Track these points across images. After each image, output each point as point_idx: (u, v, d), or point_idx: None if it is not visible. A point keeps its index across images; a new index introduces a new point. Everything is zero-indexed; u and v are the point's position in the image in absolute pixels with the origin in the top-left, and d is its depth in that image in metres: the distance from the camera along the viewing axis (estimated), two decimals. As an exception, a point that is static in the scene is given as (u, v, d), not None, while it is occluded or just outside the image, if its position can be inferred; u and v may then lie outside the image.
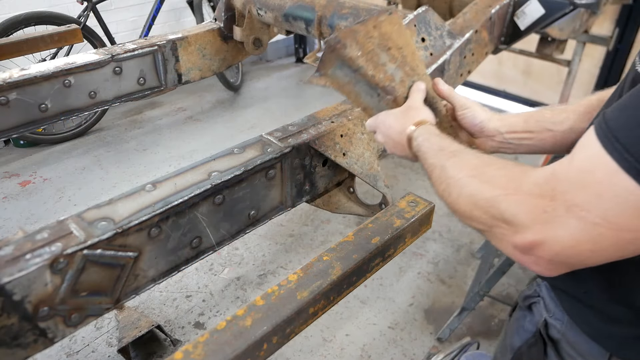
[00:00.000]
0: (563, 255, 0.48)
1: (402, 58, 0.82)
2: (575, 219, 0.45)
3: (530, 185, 0.51)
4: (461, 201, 0.59)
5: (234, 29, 1.72)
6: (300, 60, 4.60)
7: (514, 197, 0.51)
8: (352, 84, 0.83)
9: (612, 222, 0.43)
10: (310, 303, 0.64)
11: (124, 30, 3.61)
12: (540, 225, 0.47)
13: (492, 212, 0.53)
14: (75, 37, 1.66)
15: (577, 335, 0.73)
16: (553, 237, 0.47)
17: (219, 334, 0.56)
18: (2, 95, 1.24)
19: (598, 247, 0.45)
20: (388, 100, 0.83)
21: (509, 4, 1.60)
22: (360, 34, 0.79)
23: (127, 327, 1.75)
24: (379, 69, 0.80)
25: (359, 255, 0.72)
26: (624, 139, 0.42)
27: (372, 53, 0.80)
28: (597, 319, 0.69)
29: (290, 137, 0.99)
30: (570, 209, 0.45)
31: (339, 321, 1.96)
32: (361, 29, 0.79)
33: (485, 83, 3.70)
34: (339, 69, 0.82)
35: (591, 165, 0.45)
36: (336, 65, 0.81)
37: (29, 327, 0.66)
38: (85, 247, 0.68)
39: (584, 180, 0.45)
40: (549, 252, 0.48)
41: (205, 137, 3.28)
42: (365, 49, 0.79)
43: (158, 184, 0.81)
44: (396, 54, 0.82)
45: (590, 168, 0.45)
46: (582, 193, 0.45)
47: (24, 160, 2.98)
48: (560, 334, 0.77)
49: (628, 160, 0.41)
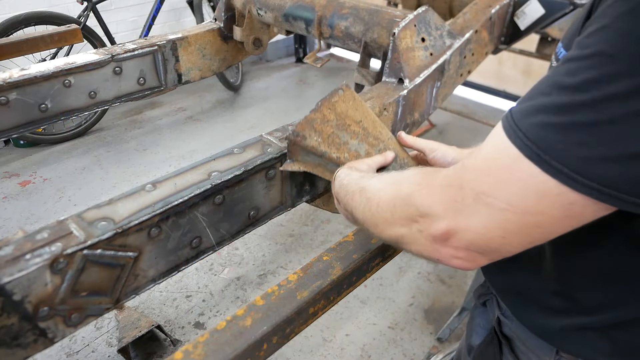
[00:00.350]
0: (477, 244, 0.49)
1: (363, 131, 0.85)
2: (483, 205, 0.47)
3: (442, 178, 0.52)
4: (381, 209, 0.60)
5: (234, 29, 1.72)
6: (300, 60, 4.60)
7: (426, 190, 0.53)
8: (324, 165, 0.86)
9: (516, 207, 0.45)
10: (310, 303, 0.64)
11: (124, 30, 3.61)
12: (452, 214, 0.49)
13: (409, 210, 0.55)
14: (75, 37, 1.66)
15: (526, 332, 0.74)
16: (465, 225, 0.48)
17: (219, 334, 0.57)
18: (2, 95, 1.24)
19: (507, 232, 0.47)
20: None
21: (509, 4, 1.60)
22: (317, 122, 0.83)
23: (127, 327, 1.75)
24: (342, 149, 0.83)
25: (359, 255, 0.72)
26: (524, 128, 0.44)
27: (332, 136, 0.83)
28: (537, 314, 0.70)
29: (290, 137, 0.99)
30: (477, 196, 0.47)
31: (339, 321, 1.96)
32: (317, 117, 0.83)
33: (485, 83, 3.70)
34: (307, 155, 0.86)
35: (495, 153, 0.47)
36: (302, 153, 0.86)
37: (29, 327, 0.66)
38: (85, 247, 0.68)
39: (489, 168, 0.47)
40: (463, 241, 0.49)
41: (205, 137, 3.28)
42: (324, 134, 0.82)
43: (158, 184, 0.81)
44: (356, 128, 0.85)
45: (494, 156, 0.47)
46: (488, 180, 0.47)
47: (24, 160, 2.98)
48: (512, 332, 0.78)
49: (529, 147, 0.43)
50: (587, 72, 0.42)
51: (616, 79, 0.40)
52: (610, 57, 0.40)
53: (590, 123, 0.41)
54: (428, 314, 2.00)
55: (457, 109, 3.43)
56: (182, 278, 2.15)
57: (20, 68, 1.29)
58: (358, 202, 0.66)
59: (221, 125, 3.46)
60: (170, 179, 0.83)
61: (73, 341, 1.84)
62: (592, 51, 0.42)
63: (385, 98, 1.19)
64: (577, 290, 0.64)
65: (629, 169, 0.41)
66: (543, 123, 0.43)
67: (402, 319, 1.97)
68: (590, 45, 0.43)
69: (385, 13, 1.36)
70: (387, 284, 2.14)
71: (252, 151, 0.93)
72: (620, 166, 0.41)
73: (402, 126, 1.28)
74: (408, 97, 1.24)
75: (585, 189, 0.42)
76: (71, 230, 0.69)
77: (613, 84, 0.40)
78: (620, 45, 0.40)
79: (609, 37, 0.41)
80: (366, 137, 0.86)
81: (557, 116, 0.43)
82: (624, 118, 0.40)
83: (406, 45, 1.25)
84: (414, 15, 1.27)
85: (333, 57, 4.69)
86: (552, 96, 0.44)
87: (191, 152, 3.10)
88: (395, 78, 1.26)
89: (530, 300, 0.71)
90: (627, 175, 0.41)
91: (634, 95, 0.39)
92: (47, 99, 1.34)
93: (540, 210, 0.44)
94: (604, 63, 0.41)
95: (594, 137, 0.41)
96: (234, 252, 2.31)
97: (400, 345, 1.87)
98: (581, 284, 0.63)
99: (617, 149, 0.40)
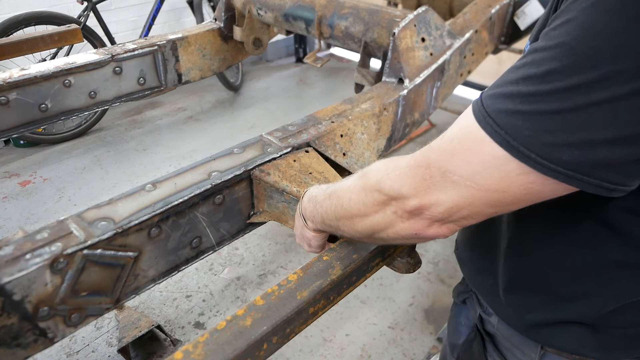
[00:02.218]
0: (448, 215, 0.52)
1: (324, 179, 0.91)
2: (449, 183, 0.50)
3: (408, 160, 0.55)
4: (353, 202, 0.62)
5: (234, 29, 1.72)
6: (300, 60, 4.60)
7: (394, 174, 0.55)
8: (287, 209, 0.91)
9: (480, 185, 0.48)
10: (310, 303, 0.64)
11: (124, 30, 3.61)
12: (423, 191, 0.52)
13: (380, 196, 0.57)
14: (75, 37, 1.66)
15: (509, 329, 0.75)
16: (435, 200, 0.51)
17: (219, 334, 0.56)
18: (2, 95, 1.24)
19: (473, 205, 0.50)
20: None
21: (509, 4, 1.60)
22: (282, 165, 0.91)
23: (127, 327, 1.75)
24: (302, 186, 0.88)
25: (359, 255, 0.72)
26: (494, 114, 0.46)
27: (294, 177, 0.90)
28: (517, 311, 0.71)
29: (290, 137, 0.99)
30: (444, 174, 0.50)
31: (339, 321, 1.96)
32: (282, 162, 0.92)
33: (485, 83, 3.70)
34: (270, 197, 0.91)
35: (461, 134, 0.50)
36: (266, 194, 0.91)
37: (29, 327, 0.66)
38: (85, 247, 0.68)
39: (454, 149, 0.50)
40: (436, 213, 0.52)
41: (205, 137, 3.28)
42: (286, 174, 0.90)
43: (158, 184, 0.81)
44: (318, 175, 0.92)
45: (459, 138, 0.50)
46: (453, 160, 0.49)
47: (24, 160, 2.98)
48: (494, 329, 0.79)
49: (498, 133, 0.46)
50: (551, 63, 0.44)
51: (577, 71, 0.42)
52: (572, 50, 0.42)
53: (554, 111, 0.43)
54: (428, 314, 2.00)
55: (457, 109, 3.44)
56: (182, 278, 2.15)
57: (20, 68, 1.29)
58: (329, 205, 0.67)
59: (221, 125, 3.46)
60: (170, 179, 0.83)
61: (73, 341, 1.83)
62: (555, 42, 0.44)
63: (385, 98, 1.19)
64: (556, 285, 0.65)
65: (591, 154, 0.43)
66: (511, 110, 0.46)
67: (402, 319, 1.97)
68: (555, 37, 0.44)
69: (385, 13, 1.36)
70: (387, 284, 2.14)
71: (252, 151, 0.93)
72: (583, 152, 0.43)
73: (402, 126, 1.28)
74: (408, 97, 1.24)
75: (552, 172, 0.44)
76: (71, 230, 0.69)
77: (575, 75, 0.42)
78: (582, 38, 0.42)
79: (571, 30, 0.43)
80: (326, 183, 0.90)
81: (524, 105, 0.45)
82: (585, 107, 0.42)
83: (406, 45, 1.25)
84: (414, 15, 1.27)
85: (333, 57, 4.68)
86: (519, 85, 0.46)
87: (191, 152, 3.09)
88: (395, 78, 1.26)
89: (508, 297, 0.72)
90: (589, 160, 0.43)
91: (593, 86, 0.41)
92: (47, 99, 1.34)
93: (503, 188, 0.48)
94: (566, 55, 0.43)
95: (557, 124, 0.43)
96: (234, 252, 2.31)
97: (400, 345, 1.87)
98: (560, 278, 0.64)
99: (579, 136, 0.43)
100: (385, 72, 1.28)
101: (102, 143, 3.19)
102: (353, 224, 0.63)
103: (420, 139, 3.32)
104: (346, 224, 0.65)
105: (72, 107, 1.41)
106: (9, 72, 1.27)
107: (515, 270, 0.70)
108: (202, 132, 3.34)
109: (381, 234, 0.60)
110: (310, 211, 0.72)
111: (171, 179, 0.83)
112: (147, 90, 1.56)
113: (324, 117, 1.09)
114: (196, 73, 1.68)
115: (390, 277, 2.17)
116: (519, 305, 0.70)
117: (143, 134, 3.31)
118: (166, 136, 3.29)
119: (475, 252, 0.81)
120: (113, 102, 1.50)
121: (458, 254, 0.89)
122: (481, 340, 0.81)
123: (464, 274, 0.85)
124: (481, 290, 0.79)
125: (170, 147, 3.16)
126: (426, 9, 1.30)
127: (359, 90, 1.46)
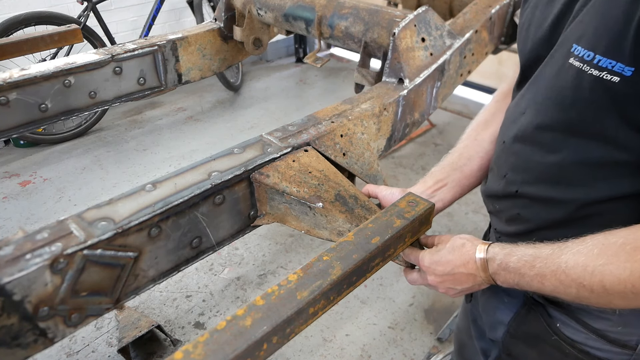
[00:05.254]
0: None
1: (324, 177, 0.91)
2: None
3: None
4: (614, 289, 0.58)
5: (234, 29, 1.72)
6: (300, 60, 4.60)
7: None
8: (289, 209, 0.91)
9: None
10: (310, 303, 0.64)
11: (124, 30, 3.61)
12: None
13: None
14: (75, 37, 1.66)
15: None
16: None
17: (219, 334, 0.56)
18: (2, 95, 1.24)
19: None
20: (319, 208, 0.86)
21: (509, 4, 1.59)
22: (281, 166, 0.91)
23: (127, 327, 1.75)
24: (302, 186, 0.88)
25: (359, 255, 0.72)
26: None
27: (294, 177, 0.89)
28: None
29: (290, 137, 0.99)
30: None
31: (339, 321, 1.96)
32: (281, 163, 0.91)
33: (485, 83, 3.70)
34: (271, 200, 0.91)
35: None
36: (268, 197, 0.91)
37: (29, 327, 0.66)
38: (85, 247, 0.68)
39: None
40: None
41: (205, 137, 3.28)
42: (286, 175, 0.89)
43: (158, 184, 0.81)
44: (318, 174, 0.91)
45: None
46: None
47: (24, 160, 2.98)
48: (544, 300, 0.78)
49: None
50: None
51: None
52: None
53: None
54: (428, 314, 2.00)
55: (457, 109, 3.43)
56: (182, 278, 2.15)
57: (20, 68, 1.29)
58: (557, 285, 0.63)
59: (221, 125, 3.46)
60: (170, 179, 0.82)
61: (73, 341, 1.84)
62: None
63: (385, 98, 1.19)
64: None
65: None
66: None
67: (402, 319, 1.97)
68: None
69: (385, 13, 1.36)
70: (387, 284, 2.14)
71: (252, 151, 0.93)
72: None
73: (402, 126, 1.28)
74: (408, 97, 1.24)
75: None
76: (71, 230, 0.69)
77: None
78: None
79: None
80: (327, 181, 0.90)
81: None
82: None
83: (406, 45, 1.25)
84: (414, 15, 1.27)
85: (333, 57, 4.69)
86: None
87: (191, 152, 3.10)
88: (395, 78, 1.26)
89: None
90: None
91: None
92: (47, 99, 1.34)
93: None
94: None
95: None
96: (234, 252, 2.31)
97: (400, 345, 1.87)
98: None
99: None
100: (385, 72, 1.28)
101: (102, 143, 3.19)
102: (610, 300, 0.60)
103: (420, 139, 3.32)
104: (592, 292, 0.60)
105: (72, 107, 1.41)
106: (9, 72, 1.27)
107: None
108: (202, 132, 3.34)
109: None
110: (516, 266, 0.68)
111: (171, 179, 0.82)
112: (147, 90, 1.56)
113: (324, 117, 1.09)
114: (196, 73, 1.68)
115: (390, 277, 2.17)
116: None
117: (143, 134, 3.31)
118: (166, 136, 3.29)
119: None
120: (113, 102, 1.50)
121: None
122: (542, 308, 0.79)
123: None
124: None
125: (170, 147, 3.16)
126: (426, 9, 1.30)
127: (359, 90, 1.46)
